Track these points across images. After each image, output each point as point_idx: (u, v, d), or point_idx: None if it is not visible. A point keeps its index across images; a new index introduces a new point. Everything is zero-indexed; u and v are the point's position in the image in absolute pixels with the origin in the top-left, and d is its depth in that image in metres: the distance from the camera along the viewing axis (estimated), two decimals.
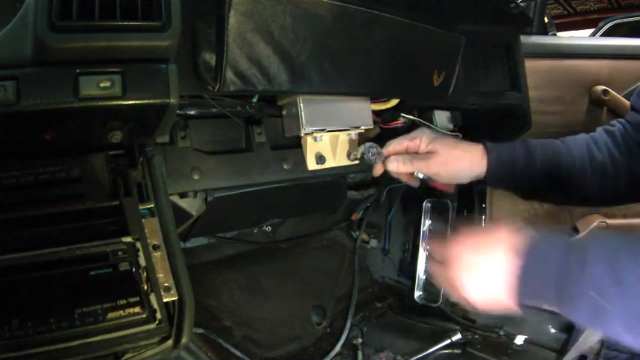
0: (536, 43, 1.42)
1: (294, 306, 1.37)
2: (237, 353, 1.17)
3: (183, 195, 0.91)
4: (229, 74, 0.73)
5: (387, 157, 0.95)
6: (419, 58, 0.99)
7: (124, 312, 0.60)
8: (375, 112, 1.08)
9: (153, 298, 0.63)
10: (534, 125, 1.25)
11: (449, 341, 1.26)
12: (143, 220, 0.69)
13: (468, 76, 1.14)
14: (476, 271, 0.65)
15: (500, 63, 1.21)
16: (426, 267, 1.46)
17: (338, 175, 1.07)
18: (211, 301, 1.25)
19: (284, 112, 0.98)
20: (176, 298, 0.66)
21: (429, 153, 0.92)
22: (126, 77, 0.58)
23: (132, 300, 0.61)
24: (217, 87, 0.73)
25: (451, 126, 1.28)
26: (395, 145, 0.95)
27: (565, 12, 7.10)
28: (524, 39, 1.25)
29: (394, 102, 1.11)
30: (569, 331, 1.19)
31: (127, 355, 0.62)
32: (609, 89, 1.44)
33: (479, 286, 0.66)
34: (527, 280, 0.61)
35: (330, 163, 1.01)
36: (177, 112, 0.79)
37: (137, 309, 0.61)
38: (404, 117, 1.18)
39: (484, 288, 0.65)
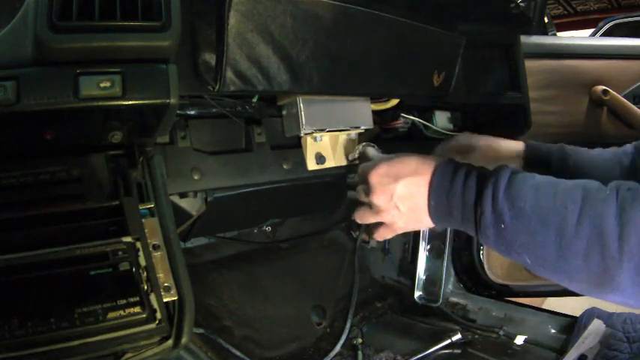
0: (536, 43, 1.42)
1: (294, 306, 1.37)
2: (237, 353, 1.17)
3: (183, 195, 0.91)
4: (229, 74, 0.73)
5: None
6: (419, 58, 0.99)
7: (124, 312, 0.60)
8: (375, 112, 1.08)
9: (153, 298, 0.63)
10: (534, 125, 1.25)
11: (449, 341, 1.26)
12: (143, 220, 0.69)
13: (467, 76, 1.14)
14: (397, 192, 0.70)
15: (500, 63, 1.21)
16: (425, 266, 1.47)
17: (338, 175, 1.07)
18: (211, 301, 1.25)
19: (284, 112, 0.98)
20: (176, 298, 0.66)
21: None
22: (126, 77, 0.58)
23: (132, 300, 0.61)
24: (217, 87, 0.73)
25: (451, 126, 1.28)
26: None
27: (565, 12, 7.10)
28: (524, 39, 1.25)
29: (394, 102, 1.11)
30: (569, 331, 1.19)
31: (127, 355, 0.61)
32: (609, 89, 1.44)
33: (401, 206, 0.70)
34: (435, 195, 0.67)
35: (330, 163, 1.01)
36: (177, 112, 0.79)
37: (137, 309, 0.60)
38: (404, 117, 1.18)
39: (406, 207, 0.70)
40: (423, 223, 0.71)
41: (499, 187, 0.61)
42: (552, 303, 2.00)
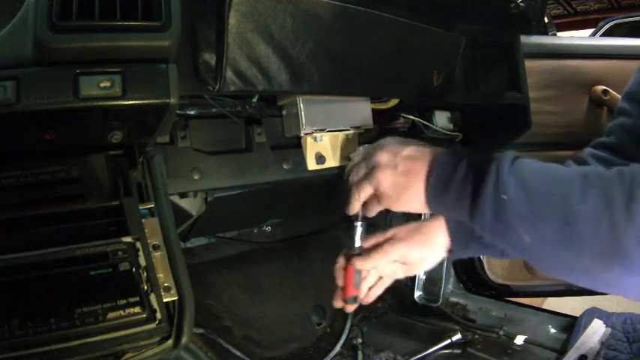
0: (536, 43, 1.42)
1: (294, 306, 1.37)
2: (237, 353, 1.17)
3: (183, 195, 0.91)
4: (229, 74, 0.73)
5: None
6: (419, 58, 0.99)
7: (124, 312, 0.60)
8: (375, 112, 1.08)
9: (153, 298, 0.63)
10: (534, 125, 1.25)
11: (449, 341, 1.26)
12: (143, 220, 0.69)
13: (467, 76, 1.14)
14: (402, 152, 0.71)
15: (500, 63, 1.21)
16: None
17: (338, 175, 1.07)
18: (211, 301, 1.25)
19: (284, 112, 0.98)
20: (176, 298, 0.66)
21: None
22: (126, 77, 0.58)
23: (132, 300, 0.61)
24: (217, 87, 0.73)
25: (451, 126, 1.28)
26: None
27: (565, 12, 7.10)
28: (524, 39, 1.25)
29: (394, 102, 1.11)
30: (569, 331, 1.19)
31: (127, 355, 0.61)
32: (609, 89, 1.44)
33: (400, 165, 0.70)
34: (436, 171, 0.67)
35: (330, 163, 1.01)
36: (177, 112, 0.79)
37: (137, 309, 0.60)
38: (404, 117, 1.18)
39: (403, 167, 0.70)
40: (412, 194, 0.69)
41: (504, 164, 0.61)
42: (552, 303, 2.00)
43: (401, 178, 0.70)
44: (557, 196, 0.57)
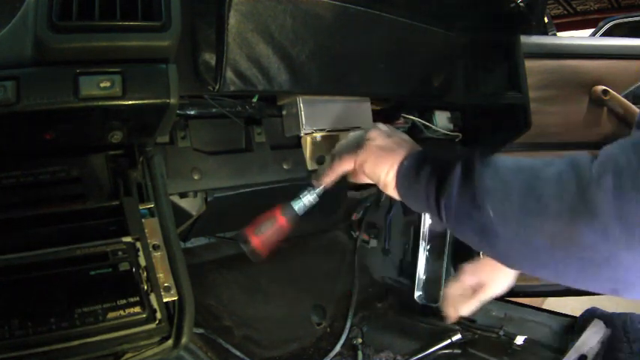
0: (536, 43, 1.42)
1: (294, 306, 1.37)
2: (237, 353, 1.17)
3: (183, 195, 0.91)
4: (229, 74, 0.73)
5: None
6: (419, 58, 0.99)
7: (124, 312, 0.60)
8: (375, 112, 1.08)
9: (153, 298, 0.63)
10: (534, 125, 1.25)
11: (449, 341, 1.26)
12: (143, 220, 0.69)
13: (468, 76, 1.14)
14: (395, 132, 0.75)
15: (500, 63, 1.21)
16: (425, 266, 1.46)
17: None
18: (211, 301, 1.25)
19: (284, 112, 0.98)
20: (176, 298, 0.66)
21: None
22: (126, 77, 0.58)
23: (132, 300, 0.61)
24: (217, 87, 0.73)
25: (451, 126, 1.28)
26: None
27: (565, 12, 7.10)
28: (524, 39, 1.25)
29: (394, 102, 1.11)
30: (569, 331, 1.19)
31: (127, 355, 0.62)
32: (609, 89, 1.44)
33: (393, 136, 0.74)
34: (410, 158, 0.69)
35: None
36: (177, 112, 0.79)
37: (137, 309, 0.60)
38: (404, 117, 1.18)
39: (393, 140, 0.73)
40: (391, 162, 0.71)
41: (474, 154, 0.62)
42: (552, 303, 2.00)
43: (392, 144, 0.73)
44: (524, 169, 0.56)
